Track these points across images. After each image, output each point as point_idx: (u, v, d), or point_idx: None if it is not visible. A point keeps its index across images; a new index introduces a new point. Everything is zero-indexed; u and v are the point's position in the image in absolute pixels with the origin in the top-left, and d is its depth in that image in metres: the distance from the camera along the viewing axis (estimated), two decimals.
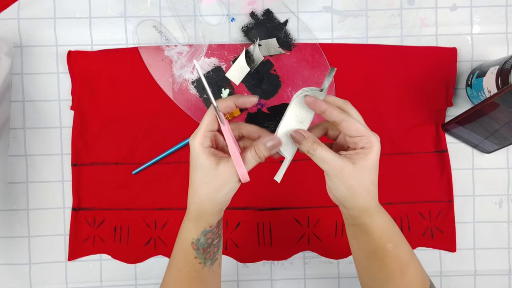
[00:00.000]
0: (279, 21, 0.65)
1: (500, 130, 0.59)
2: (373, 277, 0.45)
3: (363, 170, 0.41)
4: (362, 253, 0.45)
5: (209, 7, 0.65)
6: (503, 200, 0.66)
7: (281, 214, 0.66)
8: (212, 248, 0.46)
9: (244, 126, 0.45)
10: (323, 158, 0.40)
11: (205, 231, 0.44)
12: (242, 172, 0.40)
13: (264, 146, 0.41)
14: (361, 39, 0.66)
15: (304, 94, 0.42)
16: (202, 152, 0.41)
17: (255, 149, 0.41)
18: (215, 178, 0.41)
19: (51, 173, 0.66)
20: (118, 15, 0.65)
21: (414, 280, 0.44)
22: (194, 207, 0.43)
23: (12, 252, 0.65)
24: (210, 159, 0.41)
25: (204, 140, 0.41)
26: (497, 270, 0.66)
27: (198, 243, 0.44)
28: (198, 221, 0.43)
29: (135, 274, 0.66)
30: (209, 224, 0.43)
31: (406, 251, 0.45)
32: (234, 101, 0.42)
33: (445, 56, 0.65)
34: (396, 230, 0.45)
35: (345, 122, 0.41)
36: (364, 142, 0.41)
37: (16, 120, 0.65)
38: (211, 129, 0.42)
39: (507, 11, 0.65)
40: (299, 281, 0.67)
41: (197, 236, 0.44)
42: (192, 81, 0.65)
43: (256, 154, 0.41)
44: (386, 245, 0.43)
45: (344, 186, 0.41)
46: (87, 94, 0.65)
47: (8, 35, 0.64)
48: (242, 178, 0.41)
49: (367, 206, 0.42)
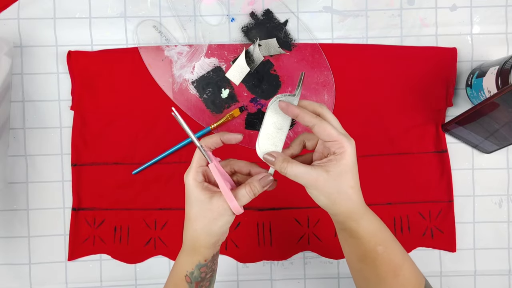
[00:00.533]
0: (279, 21, 0.65)
1: (500, 130, 0.59)
2: (366, 281, 0.45)
3: (337, 176, 0.41)
4: (353, 257, 0.46)
5: (209, 7, 0.65)
6: (503, 200, 0.66)
7: (281, 214, 0.66)
8: (205, 283, 0.46)
9: (235, 162, 0.46)
10: (296, 174, 0.41)
11: (200, 265, 0.45)
12: (234, 205, 0.42)
13: (259, 183, 0.43)
14: (361, 39, 0.66)
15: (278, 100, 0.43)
16: (196, 187, 0.42)
17: (250, 186, 0.43)
18: (210, 211, 0.42)
19: (51, 173, 0.66)
20: (118, 15, 0.65)
21: (408, 281, 0.44)
22: (190, 240, 0.44)
23: (12, 252, 0.65)
24: (204, 194, 0.42)
25: (196, 176, 0.43)
26: (497, 270, 0.66)
27: (192, 276, 0.45)
28: (193, 254, 0.44)
29: (135, 274, 0.66)
30: (204, 257, 0.44)
31: (398, 252, 0.45)
32: (220, 138, 0.44)
33: (445, 56, 0.65)
34: (386, 232, 0.45)
35: (317, 127, 0.41)
36: (336, 147, 0.41)
37: (16, 120, 0.65)
38: (202, 164, 0.43)
39: (507, 11, 0.65)
40: (299, 281, 0.67)
41: (191, 269, 0.45)
42: (192, 81, 0.65)
43: (251, 190, 0.43)
44: (376, 248, 0.43)
45: (323, 195, 0.42)
46: (87, 94, 0.65)
47: (8, 35, 0.64)
48: (235, 211, 0.42)
49: (350, 211, 0.43)
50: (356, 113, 0.65)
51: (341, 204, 0.42)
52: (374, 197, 0.65)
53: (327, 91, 0.65)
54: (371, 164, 0.65)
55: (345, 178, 0.41)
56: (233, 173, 0.47)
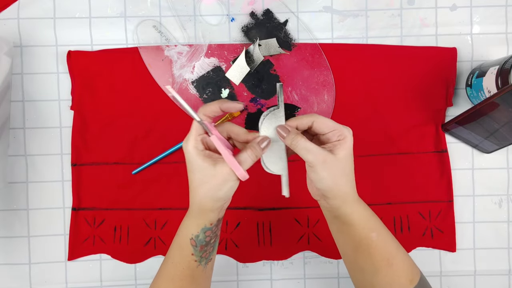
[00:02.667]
0: (279, 21, 0.65)
1: (500, 130, 0.59)
2: (361, 271, 0.46)
3: (343, 159, 0.43)
4: (348, 247, 0.47)
5: (209, 7, 0.65)
6: (503, 200, 0.66)
7: (281, 214, 0.66)
8: (209, 248, 0.47)
9: (230, 127, 0.46)
10: (307, 148, 0.42)
11: (205, 228, 0.45)
12: (241, 173, 0.42)
13: (259, 146, 0.44)
14: (361, 39, 0.66)
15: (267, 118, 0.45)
16: (198, 155, 0.43)
17: (251, 149, 0.44)
18: (214, 178, 0.42)
19: (51, 173, 0.66)
20: (118, 15, 0.65)
21: (402, 271, 0.45)
22: (196, 205, 0.44)
23: (12, 252, 0.65)
24: (207, 161, 0.42)
25: (197, 144, 0.43)
26: (497, 270, 0.66)
27: (197, 240, 0.45)
28: (199, 217, 0.45)
29: (135, 274, 0.66)
30: (209, 221, 0.45)
31: (391, 242, 0.46)
32: (219, 106, 0.44)
33: (445, 56, 0.65)
34: (378, 221, 0.47)
35: (316, 122, 0.44)
36: (337, 135, 0.44)
37: (16, 120, 0.65)
38: (200, 132, 0.43)
39: (507, 11, 0.65)
40: (299, 281, 0.67)
41: (196, 233, 0.45)
42: (192, 81, 0.65)
43: (253, 153, 0.43)
44: (369, 234, 0.45)
45: (329, 175, 0.43)
46: (87, 94, 0.65)
47: (8, 35, 0.64)
48: (242, 178, 0.43)
49: (347, 195, 0.45)
50: (356, 113, 0.65)
51: (342, 186, 0.44)
52: (374, 197, 0.65)
53: (327, 91, 0.65)
54: (371, 164, 0.65)
55: (349, 162, 0.44)
56: (228, 139, 0.47)
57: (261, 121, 0.46)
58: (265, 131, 0.46)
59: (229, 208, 0.65)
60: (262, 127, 0.46)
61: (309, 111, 0.65)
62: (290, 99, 0.65)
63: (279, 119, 0.45)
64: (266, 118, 0.45)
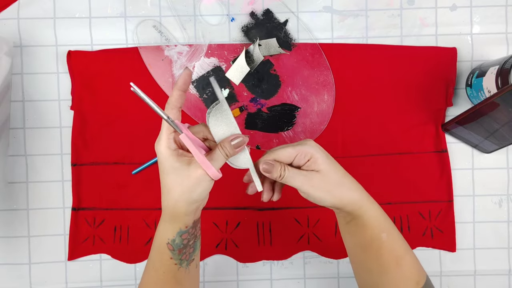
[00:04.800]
0: (279, 21, 0.65)
1: (500, 130, 0.59)
2: (369, 272, 0.46)
3: (327, 172, 0.42)
4: (358, 248, 0.46)
5: (209, 7, 0.65)
6: (503, 200, 0.66)
7: (281, 214, 0.66)
8: (188, 249, 0.46)
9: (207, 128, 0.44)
10: (294, 176, 0.42)
11: (181, 232, 0.44)
12: (212, 172, 0.41)
13: (229, 144, 0.42)
14: (361, 39, 0.66)
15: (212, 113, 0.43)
16: (171, 155, 0.41)
17: (221, 147, 0.42)
18: (188, 178, 0.41)
19: (51, 173, 0.66)
20: (118, 15, 0.65)
21: (410, 272, 0.44)
22: (169, 209, 0.43)
23: (12, 252, 0.65)
24: (180, 161, 0.41)
25: (169, 143, 0.41)
26: (497, 270, 0.66)
27: (174, 244, 0.44)
28: (173, 221, 0.43)
29: (135, 274, 0.66)
30: (184, 224, 0.44)
31: (401, 242, 0.46)
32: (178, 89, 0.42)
33: (445, 56, 0.65)
34: (389, 221, 0.46)
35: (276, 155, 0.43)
36: (303, 156, 0.43)
37: (16, 120, 0.65)
38: (172, 130, 0.42)
39: (507, 11, 0.65)
40: (299, 281, 0.67)
41: (172, 237, 0.44)
42: (192, 81, 0.65)
43: (223, 151, 0.42)
44: (380, 235, 0.44)
45: (323, 193, 0.42)
46: (87, 94, 0.65)
47: (8, 35, 0.64)
48: (213, 177, 0.42)
49: (355, 199, 0.44)
50: (356, 113, 0.65)
51: (344, 195, 0.43)
52: (374, 197, 0.64)
53: (327, 91, 0.65)
54: (371, 164, 0.65)
55: (334, 171, 0.43)
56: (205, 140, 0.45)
57: (208, 120, 0.43)
58: (215, 128, 0.43)
59: (229, 208, 0.65)
60: (211, 125, 0.43)
61: (309, 111, 0.65)
62: (290, 99, 0.65)
63: (224, 113, 0.42)
64: (211, 115, 0.43)
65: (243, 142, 0.42)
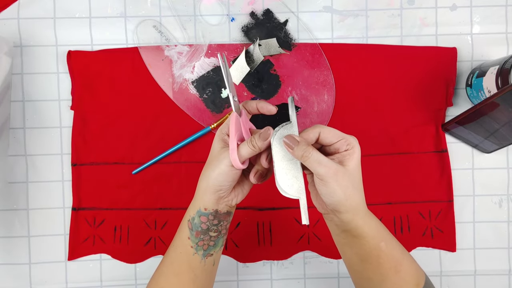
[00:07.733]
0: (279, 21, 0.65)
1: (500, 130, 0.59)
2: (368, 280, 0.45)
3: (353, 170, 0.42)
4: (356, 258, 0.45)
5: (209, 7, 0.65)
6: (503, 200, 0.66)
7: (281, 214, 0.66)
8: (207, 238, 0.46)
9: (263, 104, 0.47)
10: (320, 161, 0.40)
11: (199, 212, 0.45)
12: (234, 158, 0.42)
13: (258, 136, 0.43)
14: (361, 39, 0.66)
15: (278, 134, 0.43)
16: (217, 137, 0.45)
17: (251, 139, 0.43)
18: (216, 159, 0.44)
19: (51, 173, 0.66)
20: (118, 15, 0.65)
21: (409, 276, 0.44)
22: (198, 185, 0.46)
23: (12, 252, 0.65)
24: (219, 143, 0.45)
25: (224, 127, 0.45)
26: (497, 270, 0.66)
27: (193, 223, 0.46)
28: (195, 199, 0.46)
29: (135, 274, 0.66)
30: (203, 205, 0.45)
31: (398, 248, 0.45)
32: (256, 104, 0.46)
33: (445, 56, 0.65)
34: (385, 229, 0.46)
35: (322, 133, 0.42)
36: (346, 145, 0.42)
37: (16, 120, 0.65)
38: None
39: (507, 11, 0.65)
40: (299, 281, 0.67)
41: (193, 215, 0.46)
42: (192, 81, 0.65)
43: (250, 143, 0.43)
44: (379, 244, 0.44)
45: (340, 188, 0.41)
46: (87, 94, 0.65)
47: (8, 35, 0.64)
48: (232, 161, 0.42)
49: (359, 207, 0.43)
50: (356, 113, 0.65)
51: (353, 199, 0.42)
52: (374, 197, 0.65)
53: (327, 91, 0.65)
54: (371, 164, 0.65)
55: (358, 173, 0.42)
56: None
57: (273, 138, 0.43)
58: (277, 148, 0.43)
59: None
60: (274, 143, 0.42)
61: (309, 111, 0.65)
62: None
63: None
64: (277, 133, 0.42)
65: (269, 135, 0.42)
